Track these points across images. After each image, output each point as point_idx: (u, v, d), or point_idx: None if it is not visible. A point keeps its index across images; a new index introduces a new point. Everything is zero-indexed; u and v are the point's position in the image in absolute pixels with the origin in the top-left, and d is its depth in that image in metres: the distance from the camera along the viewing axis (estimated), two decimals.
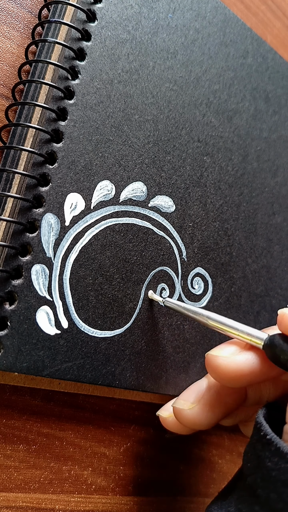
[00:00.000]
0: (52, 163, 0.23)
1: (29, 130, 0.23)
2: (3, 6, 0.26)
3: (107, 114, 0.25)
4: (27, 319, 0.22)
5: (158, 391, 0.26)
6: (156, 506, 0.29)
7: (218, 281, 0.29)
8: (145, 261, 0.26)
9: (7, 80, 0.25)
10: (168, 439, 0.30)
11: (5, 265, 0.22)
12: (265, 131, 0.33)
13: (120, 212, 0.26)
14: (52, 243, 0.23)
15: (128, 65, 0.26)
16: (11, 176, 0.23)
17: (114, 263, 0.25)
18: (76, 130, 0.24)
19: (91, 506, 0.26)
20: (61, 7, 0.25)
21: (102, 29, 0.25)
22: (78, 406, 0.26)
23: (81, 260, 0.24)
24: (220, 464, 0.32)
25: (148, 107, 0.27)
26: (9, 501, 0.24)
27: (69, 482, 0.26)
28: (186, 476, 0.30)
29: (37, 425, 0.25)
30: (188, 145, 0.29)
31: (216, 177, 0.30)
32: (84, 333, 0.24)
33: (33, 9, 0.27)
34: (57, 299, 0.23)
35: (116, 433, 0.27)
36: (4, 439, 0.24)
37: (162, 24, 0.28)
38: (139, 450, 0.28)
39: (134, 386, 0.25)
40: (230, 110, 0.31)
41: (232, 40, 0.31)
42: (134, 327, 0.26)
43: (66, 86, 0.24)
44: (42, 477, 0.25)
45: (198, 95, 0.29)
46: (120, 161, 0.26)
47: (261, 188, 0.32)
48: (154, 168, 0.27)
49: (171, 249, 0.27)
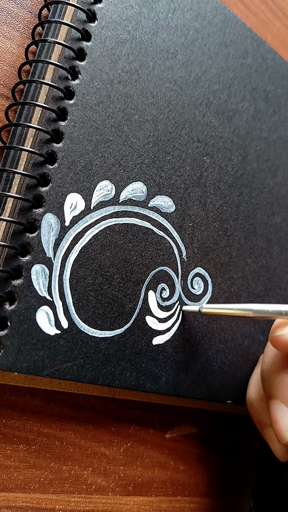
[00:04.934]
0: (52, 163, 0.23)
1: (29, 130, 0.23)
2: (3, 6, 0.26)
3: (107, 114, 0.25)
4: (27, 319, 0.22)
5: (158, 391, 0.26)
6: (156, 506, 0.29)
7: (217, 281, 0.29)
8: (145, 261, 0.26)
9: (7, 80, 0.25)
10: (168, 439, 0.30)
11: (5, 265, 0.22)
12: (265, 131, 0.33)
13: (120, 212, 0.26)
14: (52, 243, 0.23)
15: (128, 65, 0.26)
16: (11, 176, 0.23)
17: (114, 263, 0.25)
18: (76, 130, 0.24)
19: (91, 506, 0.26)
20: (61, 7, 0.25)
21: (102, 29, 0.25)
22: (78, 406, 0.26)
23: (81, 260, 0.24)
24: (220, 464, 0.32)
25: (148, 107, 0.27)
26: (9, 501, 0.24)
27: (69, 482, 0.26)
28: (186, 476, 0.30)
29: (37, 425, 0.25)
30: (188, 145, 0.29)
31: (215, 177, 0.30)
32: (84, 333, 0.24)
33: (33, 9, 0.27)
34: (57, 299, 0.23)
35: (116, 433, 0.27)
36: (4, 439, 0.24)
37: (162, 24, 0.28)
38: (139, 450, 0.28)
39: (134, 386, 0.25)
40: (230, 110, 0.31)
41: (232, 40, 0.31)
42: (134, 327, 0.26)
43: (66, 86, 0.24)
44: (42, 477, 0.25)
45: (198, 95, 0.29)
46: (120, 161, 0.26)
47: (260, 188, 0.32)
48: (154, 168, 0.27)
49: (171, 249, 0.27)
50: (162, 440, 0.29)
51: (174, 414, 0.30)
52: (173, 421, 0.30)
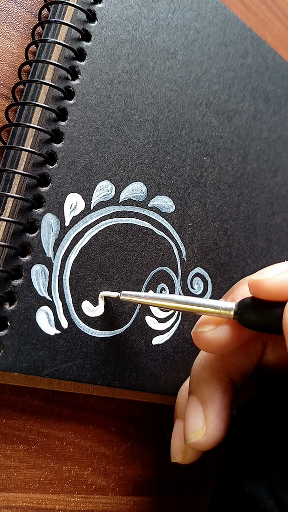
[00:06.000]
0: (52, 163, 0.23)
1: (29, 130, 0.23)
2: (3, 6, 0.26)
3: (107, 114, 0.25)
4: (27, 319, 0.22)
5: (158, 391, 0.26)
6: (156, 506, 0.29)
7: (217, 281, 0.29)
8: (145, 261, 0.26)
9: (7, 80, 0.25)
10: (168, 439, 0.30)
11: (5, 265, 0.22)
12: (265, 131, 0.33)
13: (120, 212, 0.26)
14: (52, 243, 0.23)
15: (128, 65, 0.26)
16: (11, 176, 0.23)
17: (114, 263, 0.25)
18: (76, 131, 0.24)
19: (91, 506, 0.26)
20: (61, 7, 0.25)
21: (102, 29, 0.25)
22: (78, 406, 0.26)
23: (81, 260, 0.24)
24: None
25: (148, 107, 0.27)
26: (9, 501, 0.24)
27: (69, 482, 0.26)
28: (186, 476, 0.30)
29: (37, 425, 0.25)
30: (188, 145, 0.29)
31: (215, 177, 0.30)
32: (83, 333, 0.24)
33: (33, 9, 0.27)
34: (57, 299, 0.23)
35: (116, 433, 0.27)
36: (4, 439, 0.24)
37: (162, 24, 0.28)
38: (139, 450, 0.28)
39: (134, 386, 0.25)
40: (230, 110, 0.31)
41: (232, 40, 0.31)
42: (133, 327, 0.26)
43: (66, 86, 0.24)
44: (42, 477, 0.25)
45: (198, 95, 0.29)
46: (120, 162, 0.26)
47: (260, 188, 0.32)
48: (154, 168, 0.27)
49: (171, 249, 0.27)
50: (162, 440, 0.29)
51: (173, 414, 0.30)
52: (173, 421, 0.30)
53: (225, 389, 0.23)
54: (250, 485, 0.21)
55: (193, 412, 0.23)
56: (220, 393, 0.23)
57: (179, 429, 0.25)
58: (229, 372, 0.23)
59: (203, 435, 0.22)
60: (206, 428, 0.22)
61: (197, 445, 0.23)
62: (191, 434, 0.23)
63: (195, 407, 0.23)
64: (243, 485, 0.22)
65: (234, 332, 0.21)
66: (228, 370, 0.23)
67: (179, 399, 0.26)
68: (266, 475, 0.21)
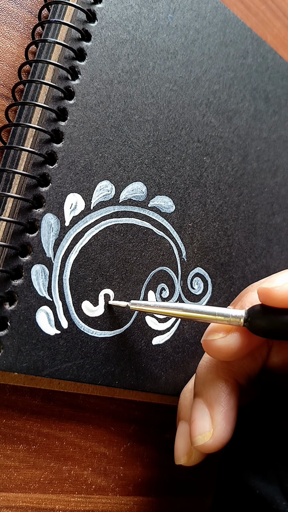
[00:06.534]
0: (52, 163, 0.23)
1: (29, 130, 0.23)
2: (3, 6, 0.26)
3: (107, 114, 0.25)
4: (27, 319, 0.22)
5: (158, 391, 0.26)
6: (156, 506, 0.29)
7: (217, 281, 0.29)
8: (145, 261, 0.26)
9: (7, 80, 0.25)
10: (168, 439, 0.30)
11: (5, 265, 0.22)
12: (265, 131, 0.33)
13: (120, 212, 0.26)
14: (52, 243, 0.23)
15: (128, 66, 0.26)
16: (11, 176, 0.23)
17: (114, 263, 0.25)
18: (76, 131, 0.24)
19: (91, 506, 0.26)
20: (61, 7, 0.25)
21: (102, 29, 0.25)
22: (78, 406, 0.26)
23: (81, 260, 0.24)
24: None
25: (148, 107, 0.27)
26: (9, 501, 0.24)
27: (69, 482, 0.26)
28: (186, 476, 0.30)
29: (37, 425, 0.25)
30: (188, 146, 0.29)
31: (215, 177, 0.30)
32: (83, 333, 0.24)
33: (33, 9, 0.27)
34: (57, 299, 0.23)
35: (116, 433, 0.27)
36: (4, 439, 0.24)
37: (162, 24, 0.28)
38: (139, 450, 0.28)
39: (134, 386, 0.25)
40: (230, 110, 0.31)
41: (232, 40, 0.31)
42: (133, 327, 0.26)
43: (66, 86, 0.24)
44: (42, 477, 0.25)
45: (198, 95, 0.29)
46: (120, 162, 0.26)
47: (260, 188, 0.32)
48: (154, 168, 0.27)
49: (171, 249, 0.27)
50: (162, 440, 0.29)
51: (174, 414, 0.30)
52: (173, 421, 0.30)
53: (231, 391, 0.23)
54: (259, 485, 0.21)
55: (199, 414, 0.23)
56: (226, 395, 0.23)
57: (184, 431, 0.25)
58: (234, 374, 0.23)
59: (210, 437, 0.22)
60: (213, 430, 0.22)
61: (204, 448, 0.23)
62: (198, 437, 0.23)
63: (201, 409, 0.23)
64: (252, 485, 0.22)
65: (244, 339, 0.22)
66: (234, 372, 0.23)
67: (182, 401, 0.26)
68: (276, 475, 0.21)
